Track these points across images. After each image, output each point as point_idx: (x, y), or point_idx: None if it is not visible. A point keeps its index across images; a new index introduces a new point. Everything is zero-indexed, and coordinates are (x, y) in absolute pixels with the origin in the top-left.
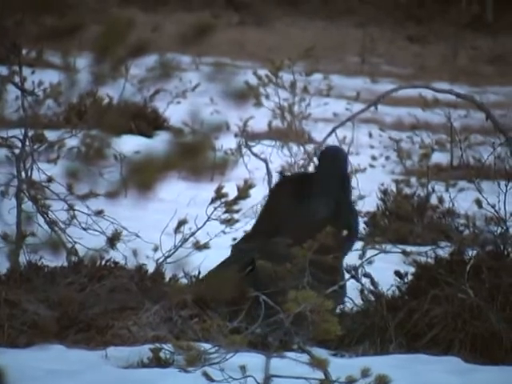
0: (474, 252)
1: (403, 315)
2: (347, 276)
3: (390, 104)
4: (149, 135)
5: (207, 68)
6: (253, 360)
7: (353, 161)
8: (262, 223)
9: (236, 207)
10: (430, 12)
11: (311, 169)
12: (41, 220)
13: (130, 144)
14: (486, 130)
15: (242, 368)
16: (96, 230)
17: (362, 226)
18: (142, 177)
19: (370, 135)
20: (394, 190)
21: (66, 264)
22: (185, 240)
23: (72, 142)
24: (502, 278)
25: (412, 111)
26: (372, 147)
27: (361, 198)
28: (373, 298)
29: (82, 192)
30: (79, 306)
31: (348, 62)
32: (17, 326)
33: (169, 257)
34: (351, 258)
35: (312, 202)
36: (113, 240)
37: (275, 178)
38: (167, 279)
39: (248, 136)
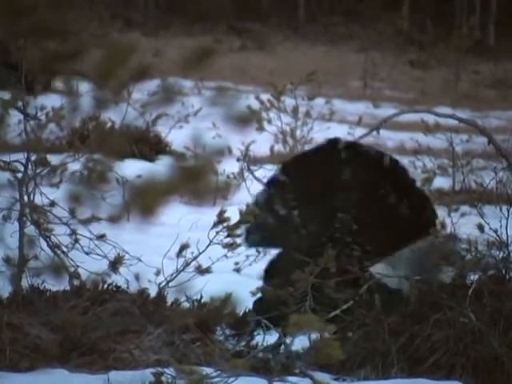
0: (476, 276)
1: (405, 339)
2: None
3: (392, 129)
4: (151, 159)
5: (209, 92)
6: None
7: None
8: None
9: (238, 231)
10: (431, 37)
11: None
12: (43, 244)
13: (132, 168)
14: (488, 154)
15: None
16: (98, 254)
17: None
18: (144, 201)
19: None
20: None
21: (68, 288)
22: (187, 264)
23: (74, 166)
24: (503, 303)
25: (414, 136)
26: None
27: None
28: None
29: (84, 216)
30: (81, 329)
31: (350, 87)
32: (19, 349)
33: (171, 281)
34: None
35: None
36: (115, 264)
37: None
38: (169, 303)
39: (250, 160)
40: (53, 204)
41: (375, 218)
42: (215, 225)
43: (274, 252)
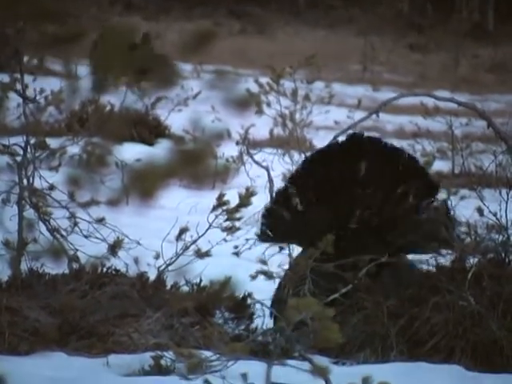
0: (476, 260)
1: (404, 323)
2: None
3: (392, 112)
4: (150, 143)
5: (209, 76)
6: (254, 368)
7: None
8: None
9: (237, 215)
10: (431, 21)
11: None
12: (42, 227)
13: (131, 151)
14: (487, 137)
15: (244, 376)
16: (97, 238)
17: None
18: (143, 184)
19: None
20: None
21: (67, 271)
22: (186, 248)
23: (74, 149)
24: (503, 286)
25: (413, 119)
26: None
27: None
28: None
29: (83, 199)
30: (80, 313)
31: (349, 71)
32: (18, 333)
33: (170, 264)
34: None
35: None
36: (114, 247)
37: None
38: (168, 287)
39: (249, 144)
40: (52, 187)
41: (395, 214)
42: (214, 208)
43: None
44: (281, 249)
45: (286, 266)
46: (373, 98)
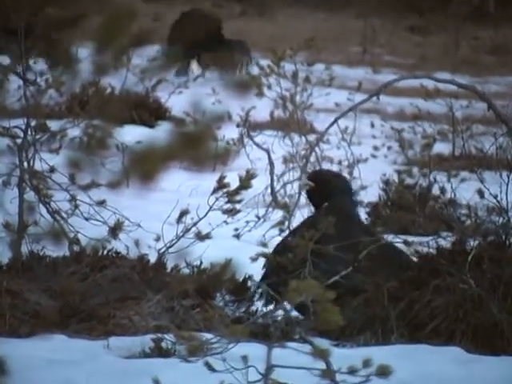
0: (476, 242)
1: (404, 305)
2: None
3: (392, 94)
4: (151, 125)
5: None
6: (254, 350)
7: (355, 151)
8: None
9: (238, 197)
10: (431, 3)
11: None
12: (43, 210)
13: (131, 134)
14: (487, 120)
15: (244, 358)
16: (98, 220)
17: (363, 217)
18: (143, 167)
19: (372, 125)
20: (396, 180)
21: (67, 254)
22: (187, 230)
23: (74, 131)
24: (503, 269)
25: (414, 101)
26: (374, 137)
27: (363, 188)
28: None
29: (84, 182)
30: (81, 295)
31: (349, 53)
32: (18, 315)
33: (171, 247)
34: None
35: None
36: (115, 230)
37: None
38: (169, 269)
39: (250, 126)
40: (52, 170)
41: None
42: (215, 191)
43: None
44: (281, 231)
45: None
46: (373, 80)
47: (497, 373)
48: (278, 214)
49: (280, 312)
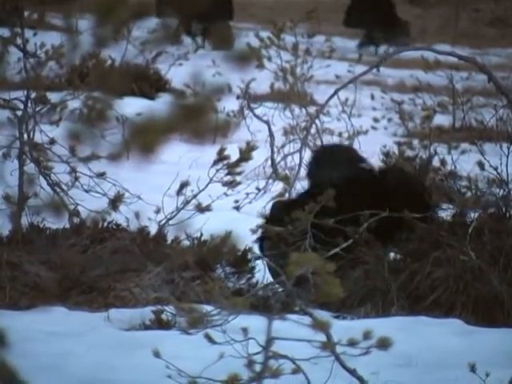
0: (476, 214)
1: (405, 277)
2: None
3: (392, 66)
4: (151, 97)
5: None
6: (255, 322)
7: (355, 123)
8: None
9: (238, 169)
10: None
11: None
12: (43, 182)
13: (132, 106)
14: (488, 91)
15: (244, 330)
16: (98, 192)
17: None
18: (144, 139)
19: (372, 97)
20: (396, 152)
21: (67, 226)
22: (187, 202)
23: (74, 103)
24: (503, 240)
25: (414, 73)
26: (374, 109)
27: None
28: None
29: (84, 154)
30: (81, 267)
31: None
32: (18, 287)
33: (171, 219)
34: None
35: None
36: (115, 202)
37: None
38: (169, 241)
39: (250, 98)
40: (52, 142)
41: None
42: (215, 163)
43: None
44: None
45: None
46: (373, 52)
47: (497, 344)
48: (278, 186)
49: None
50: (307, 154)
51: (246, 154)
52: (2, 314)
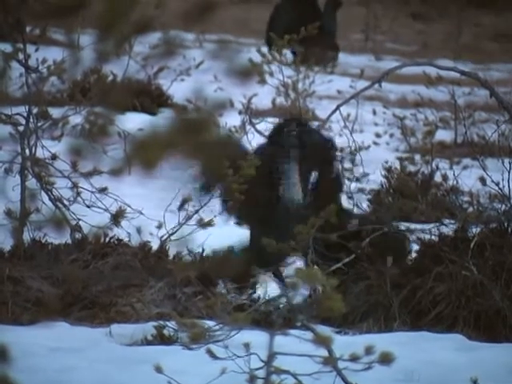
0: (478, 229)
1: (407, 293)
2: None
3: (394, 81)
4: (153, 112)
5: (211, 45)
6: (257, 337)
7: (357, 138)
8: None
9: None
10: None
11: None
12: (45, 197)
13: (133, 121)
14: (490, 107)
15: (246, 345)
16: (100, 208)
17: (366, 204)
18: (145, 154)
19: (374, 112)
20: (398, 167)
21: (69, 241)
22: (189, 217)
23: (76, 119)
24: (505, 256)
25: (416, 88)
26: (376, 125)
27: (365, 175)
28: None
29: (85, 169)
30: (83, 283)
31: (351, 40)
32: (20, 303)
33: (173, 234)
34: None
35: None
36: (117, 217)
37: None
38: (171, 256)
39: (252, 113)
40: (54, 157)
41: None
42: None
43: None
44: None
45: None
46: (375, 68)
47: (499, 359)
48: None
49: (282, 299)
50: None
51: (247, 169)
52: (4, 329)
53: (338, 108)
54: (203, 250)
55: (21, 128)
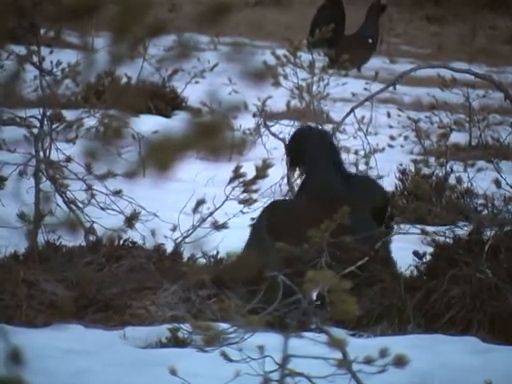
0: (493, 232)
1: (421, 295)
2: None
3: (409, 84)
4: (167, 115)
5: (225, 48)
6: (271, 340)
7: (371, 141)
8: None
9: (254, 187)
10: None
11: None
12: (59, 200)
13: (148, 124)
14: (504, 109)
15: (260, 348)
16: (114, 210)
17: None
18: (160, 157)
19: (389, 115)
20: (413, 170)
21: (84, 244)
22: (203, 220)
23: (90, 121)
24: None
25: (430, 91)
26: (390, 127)
27: (379, 178)
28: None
29: (100, 172)
30: (97, 285)
31: None
32: (35, 305)
33: (187, 237)
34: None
35: None
36: (131, 220)
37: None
38: (185, 259)
39: (266, 116)
40: (69, 159)
41: None
42: (231, 180)
43: None
44: None
45: None
46: (390, 70)
47: None
48: None
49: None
50: None
51: (262, 172)
52: (19, 331)
53: (352, 110)
54: (217, 253)
55: (35, 130)
